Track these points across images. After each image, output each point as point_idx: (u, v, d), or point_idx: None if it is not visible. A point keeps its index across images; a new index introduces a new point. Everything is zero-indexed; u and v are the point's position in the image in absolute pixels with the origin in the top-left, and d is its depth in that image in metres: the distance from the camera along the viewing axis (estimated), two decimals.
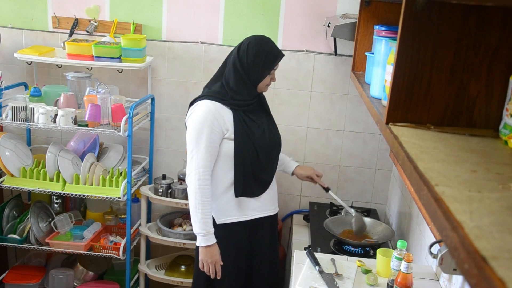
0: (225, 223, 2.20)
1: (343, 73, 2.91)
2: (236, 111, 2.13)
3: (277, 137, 2.29)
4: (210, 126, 2.08)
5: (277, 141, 2.29)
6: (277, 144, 2.29)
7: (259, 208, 2.24)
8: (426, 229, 2.18)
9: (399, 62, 1.18)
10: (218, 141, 2.12)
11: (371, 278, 1.99)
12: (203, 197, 2.09)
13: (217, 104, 2.11)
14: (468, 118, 1.19)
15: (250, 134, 2.14)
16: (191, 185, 2.11)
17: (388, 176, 3.04)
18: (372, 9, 2.12)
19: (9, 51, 3.00)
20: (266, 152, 2.20)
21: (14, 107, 2.61)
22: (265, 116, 2.27)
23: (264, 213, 2.27)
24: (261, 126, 2.21)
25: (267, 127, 2.23)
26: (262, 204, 2.25)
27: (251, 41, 2.14)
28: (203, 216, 2.10)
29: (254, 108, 2.21)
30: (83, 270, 3.01)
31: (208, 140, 2.08)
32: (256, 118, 2.20)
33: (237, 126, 2.12)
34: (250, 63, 2.11)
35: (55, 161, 2.71)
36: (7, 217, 2.93)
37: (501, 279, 0.55)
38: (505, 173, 0.91)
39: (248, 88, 2.14)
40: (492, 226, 0.69)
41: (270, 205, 2.30)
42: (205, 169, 2.09)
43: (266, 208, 2.28)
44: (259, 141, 2.16)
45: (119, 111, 2.60)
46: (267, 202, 2.27)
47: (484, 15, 1.12)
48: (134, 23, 2.93)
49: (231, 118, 2.12)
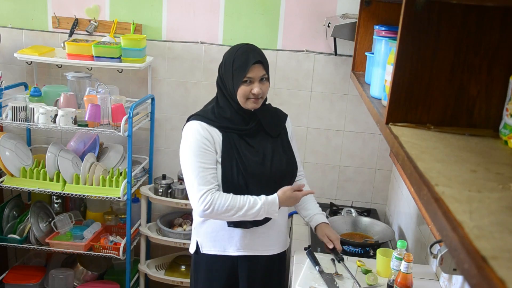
0: (209, 254, 2.03)
1: (343, 73, 2.91)
2: (227, 133, 1.92)
3: (284, 166, 1.98)
4: (200, 148, 1.88)
5: (283, 169, 1.98)
6: (282, 173, 1.98)
7: (248, 244, 2.00)
8: (426, 229, 2.18)
9: (399, 62, 1.18)
10: (213, 159, 1.90)
11: (371, 278, 1.99)
12: (226, 211, 1.86)
13: (203, 125, 1.92)
14: (468, 118, 1.19)
15: (240, 160, 1.89)
16: (207, 215, 1.90)
17: (388, 176, 3.04)
18: (372, 9, 2.12)
19: (9, 51, 3.00)
20: (261, 181, 1.92)
21: (14, 107, 2.61)
22: (271, 141, 2.00)
23: (256, 252, 2.03)
24: (261, 152, 1.94)
25: (270, 154, 1.96)
26: (256, 241, 2.01)
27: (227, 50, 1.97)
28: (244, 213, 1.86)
29: (254, 132, 1.97)
30: (83, 270, 3.01)
31: (202, 162, 1.88)
32: (255, 143, 1.96)
33: (226, 149, 1.90)
34: (223, 72, 1.94)
35: (55, 161, 2.71)
36: (7, 217, 2.93)
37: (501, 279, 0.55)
38: (505, 173, 0.91)
39: (229, 103, 1.93)
40: (492, 226, 0.69)
41: (267, 243, 2.04)
42: (207, 190, 1.86)
43: (259, 247, 2.02)
44: (253, 169, 1.90)
45: (119, 111, 2.61)
46: (263, 239, 2.02)
47: (484, 15, 1.12)
48: (134, 23, 2.93)
49: (220, 140, 1.92)
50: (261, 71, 1.90)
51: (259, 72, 1.90)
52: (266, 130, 1.99)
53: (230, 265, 2.03)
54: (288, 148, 2.05)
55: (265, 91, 1.94)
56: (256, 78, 1.89)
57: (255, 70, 1.89)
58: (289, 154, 2.04)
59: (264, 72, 1.92)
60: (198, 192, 1.86)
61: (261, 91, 1.90)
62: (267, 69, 1.94)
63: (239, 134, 1.94)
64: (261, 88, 1.90)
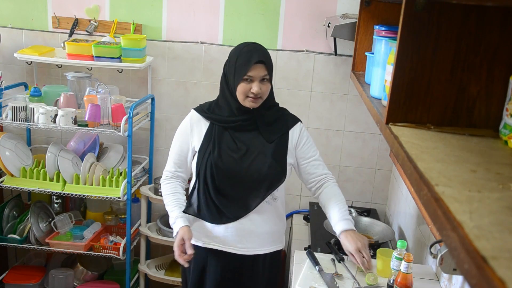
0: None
1: (343, 73, 2.91)
2: (214, 125, 1.98)
3: (265, 169, 1.92)
4: (182, 135, 2.04)
5: (262, 172, 1.92)
6: (261, 176, 1.92)
7: (216, 238, 1.99)
8: (426, 229, 2.18)
9: (399, 62, 1.18)
10: (187, 152, 2.03)
11: (371, 278, 1.98)
12: (164, 193, 2.06)
13: (196, 114, 2.03)
14: (468, 118, 1.19)
15: (214, 151, 1.92)
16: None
17: (388, 176, 3.04)
18: (372, 9, 2.12)
19: (9, 51, 3.00)
20: (230, 178, 1.92)
21: (14, 107, 2.61)
22: (262, 142, 1.96)
23: (225, 248, 2.00)
24: (243, 149, 1.93)
25: (254, 154, 1.93)
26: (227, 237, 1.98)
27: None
28: (168, 208, 2.01)
29: (241, 127, 1.97)
30: (83, 270, 3.01)
31: (177, 147, 2.05)
32: (242, 139, 1.95)
33: (205, 139, 1.97)
34: (228, 68, 1.96)
35: (55, 161, 2.71)
36: (7, 217, 2.93)
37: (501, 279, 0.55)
38: (505, 173, 0.91)
39: (227, 98, 1.96)
40: (492, 226, 0.69)
41: (239, 242, 1.99)
42: (169, 171, 2.07)
43: (230, 244, 1.99)
44: (225, 163, 1.91)
45: (119, 111, 2.61)
46: (236, 237, 1.98)
47: (484, 15, 1.12)
48: (134, 23, 2.93)
49: (204, 131, 2.00)
50: (262, 71, 1.90)
51: (260, 72, 1.89)
52: (260, 131, 1.98)
53: (203, 257, 2.04)
54: (280, 154, 1.98)
55: (265, 92, 1.93)
56: (256, 78, 1.89)
57: (257, 69, 1.89)
58: (278, 159, 1.96)
59: (265, 73, 1.91)
60: (165, 167, 2.09)
61: (260, 91, 1.90)
62: (269, 70, 1.93)
63: (224, 127, 1.96)
64: (260, 88, 1.89)
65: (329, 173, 2.13)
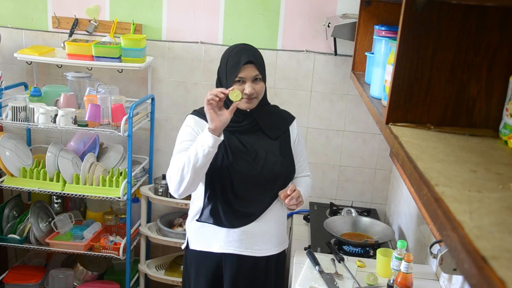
0: (196, 250, 2.03)
1: (343, 73, 2.91)
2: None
3: (278, 167, 1.95)
4: (189, 134, 1.94)
5: (276, 171, 1.95)
6: (275, 175, 1.95)
7: (232, 242, 1.96)
8: (426, 229, 2.18)
9: (399, 62, 1.18)
10: None
11: (371, 278, 1.99)
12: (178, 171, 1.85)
13: (196, 118, 1.98)
14: (468, 118, 1.19)
15: (228, 156, 1.90)
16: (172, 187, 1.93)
17: (388, 176, 3.04)
18: (372, 9, 2.12)
19: (9, 51, 3.01)
20: (247, 180, 1.92)
21: (14, 107, 2.61)
22: (268, 142, 1.99)
23: (241, 251, 1.98)
24: (253, 151, 1.94)
25: (264, 155, 1.95)
26: (241, 241, 1.96)
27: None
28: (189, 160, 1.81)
29: (247, 130, 1.97)
30: (83, 270, 3.01)
31: (187, 142, 1.92)
32: (249, 141, 1.95)
33: None
34: (220, 72, 1.96)
35: (55, 161, 2.71)
36: (7, 217, 2.93)
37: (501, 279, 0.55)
38: (505, 173, 0.91)
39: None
40: (492, 226, 0.69)
41: (254, 245, 1.98)
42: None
43: (244, 247, 1.98)
44: (241, 166, 1.91)
45: (119, 111, 2.61)
46: (250, 240, 1.97)
47: (484, 15, 1.12)
48: (134, 23, 2.93)
49: None
50: (253, 71, 1.89)
51: (251, 72, 1.88)
52: (263, 131, 1.99)
53: (216, 262, 2.01)
54: (287, 150, 2.02)
55: (260, 91, 1.92)
56: (248, 78, 1.88)
57: (247, 70, 1.88)
58: (286, 156, 2.01)
59: (257, 73, 1.90)
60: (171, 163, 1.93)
61: (253, 91, 1.89)
62: (260, 70, 1.91)
63: (230, 131, 1.92)
64: (254, 88, 1.89)
65: (310, 174, 2.20)
